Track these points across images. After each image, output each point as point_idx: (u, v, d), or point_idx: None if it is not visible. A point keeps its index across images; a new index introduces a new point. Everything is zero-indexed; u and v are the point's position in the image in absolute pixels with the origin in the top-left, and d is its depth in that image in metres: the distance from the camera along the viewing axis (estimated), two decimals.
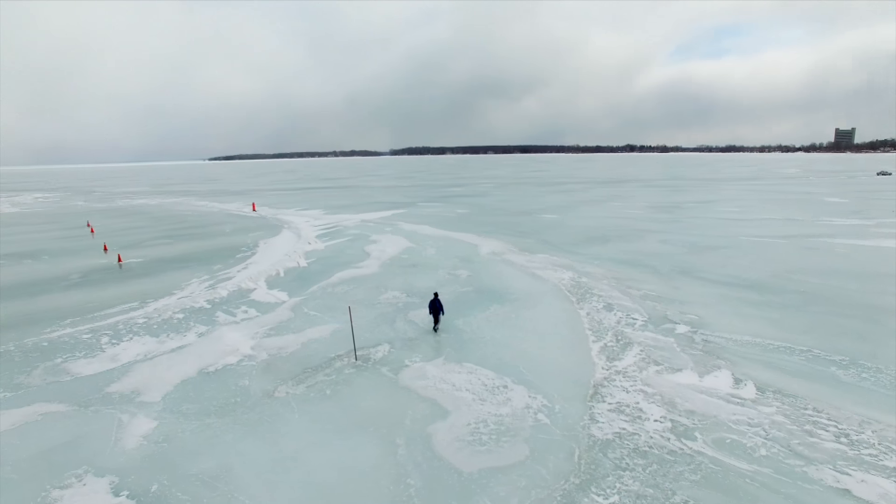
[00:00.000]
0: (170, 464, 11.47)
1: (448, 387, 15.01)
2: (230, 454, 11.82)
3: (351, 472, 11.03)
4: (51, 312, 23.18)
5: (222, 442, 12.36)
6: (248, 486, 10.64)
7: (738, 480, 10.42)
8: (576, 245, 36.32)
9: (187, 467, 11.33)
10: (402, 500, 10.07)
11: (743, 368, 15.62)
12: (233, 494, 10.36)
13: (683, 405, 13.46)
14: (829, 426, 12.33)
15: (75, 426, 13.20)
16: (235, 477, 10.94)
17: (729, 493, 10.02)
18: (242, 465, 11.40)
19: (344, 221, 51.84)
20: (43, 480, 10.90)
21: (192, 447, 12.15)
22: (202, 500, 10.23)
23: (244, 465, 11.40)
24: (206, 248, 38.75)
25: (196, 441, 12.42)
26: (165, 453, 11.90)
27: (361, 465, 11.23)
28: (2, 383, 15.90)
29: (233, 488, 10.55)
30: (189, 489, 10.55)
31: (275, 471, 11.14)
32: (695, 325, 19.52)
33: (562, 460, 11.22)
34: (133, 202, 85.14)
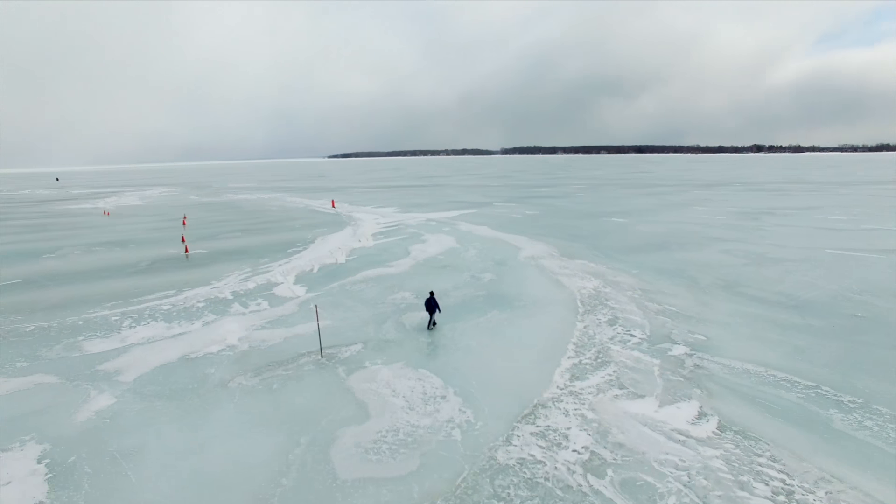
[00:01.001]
0: (98, 439, 12.94)
1: (388, 392, 15.15)
2: (152, 435, 13.04)
3: (241, 465, 11.67)
4: (101, 295, 26.75)
5: (154, 423, 13.66)
6: (145, 466, 11.70)
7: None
8: (625, 252, 34.26)
9: (110, 443, 12.70)
10: (260, 499, 10.48)
11: (718, 401, 13.95)
12: (126, 473, 11.47)
13: (616, 437, 12.40)
14: (773, 480, 10.68)
15: (51, 397, 15.31)
16: (141, 457, 12.07)
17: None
18: (155, 446, 12.54)
19: (410, 220, 53.28)
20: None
21: (127, 425, 13.57)
22: (100, 474, 11.46)
23: (157, 446, 12.53)
24: (266, 243, 42.04)
25: (134, 420, 13.85)
26: (101, 429, 13.43)
27: (253, 460, 11.83)
28: (25, 354, 18.78)
29: (132, 467, 11.68)
30: (97, 464, 11.85)
31: (177, 456, 12.11)
32: (696, 348, 17.69)
33: (442, 481, 10.95)
34: (235, 197, 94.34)
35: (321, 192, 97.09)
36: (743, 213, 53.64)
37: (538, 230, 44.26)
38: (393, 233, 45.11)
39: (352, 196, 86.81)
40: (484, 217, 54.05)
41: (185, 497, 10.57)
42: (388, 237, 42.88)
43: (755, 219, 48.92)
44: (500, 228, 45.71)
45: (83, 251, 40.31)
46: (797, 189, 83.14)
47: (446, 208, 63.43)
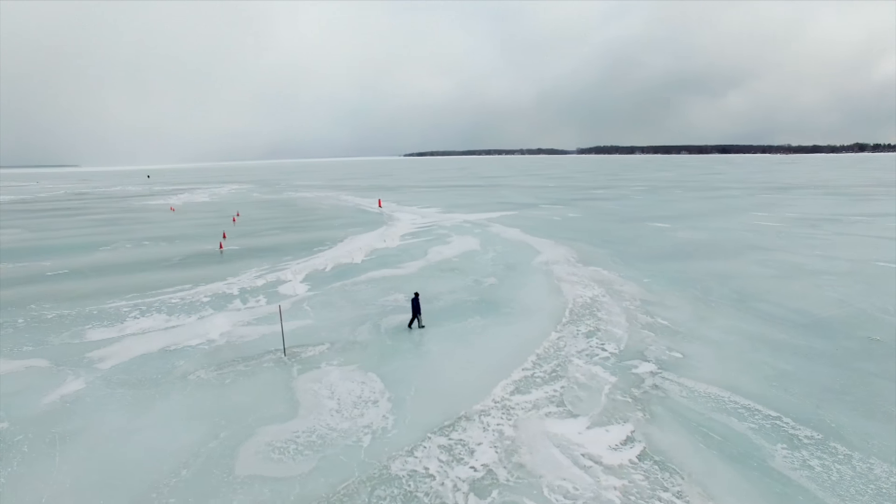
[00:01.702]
0: (50, 421, 14.38)
1: (326, 393, 15.66)
2: (96, 421, 14.31)
3: (155, 454, 12.58)
4: (125, 287, 29.28)
5: (104, 410, 14.96)
6: (73, 449, 12.88)
7: None
8: (648, 259, 32.83)
9: (57, 426, 14.08)
10: (154, 487, 11.29)
11: (655, 427, 13.23)
12: (54, 455, 12.71)
13: (522, 457, 12.14)
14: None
15: (32, 380, 17.12)
16: (76, 440, 13.29)
17: None
18: (93, 431, 13.76)
19: (446, 221, 53.74)
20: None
21: (81, 410, 14.96)
22: (32, 454, 12.77)
23: (94, 431, 13.75)
24: (298, 241, 44.01)
25: (89, 406, 15.23)
26: (58, 412, 14.90)
27: (168, 451, 12.71)
28: (35, 339, 21.04)
29: (62, 449, 12.92)
30: (36, 445, 13.20)
31: (105, 440, 13.22)
32: (665, 367, 16.80)
33: (325, 485, 11.26)
34: (295, 195, 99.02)
35: (377, 191, 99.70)
36: (804, 219, 49.42)
37: (569, 234, 43.21)
38: (422, 234, 45.69)
39: (404, 195, 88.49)
40: (522, 219, 53.43)
41: (89, 480, 11.56)
42: (415, 238, 43.49)
43: (814, 226, 44.96)
44: (531, 231, 45.05)
45: (133, 245, 44.10)
46: (885, 193, 75.14)
47: (490, 209, 63.25)
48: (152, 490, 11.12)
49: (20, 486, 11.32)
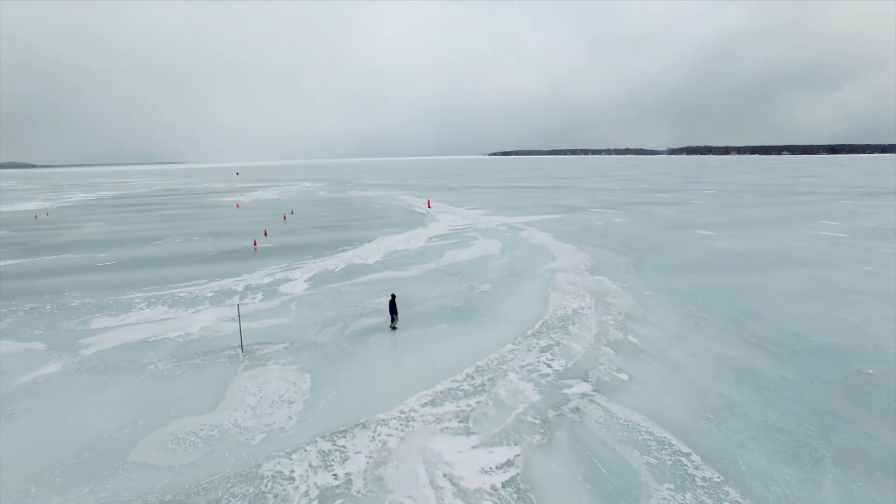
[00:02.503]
0: (11, 399, 16.47)
1: (254, 390, 16.67)
2: (45, 402, 16.20)
3: (74, 436, 14.09)
4: (148, 279, 32.26)
5: (60, 392, 16.87)
6: (12, 426, 14.73)
7: None
8: (666, 270, 31.32)
9: (13, 404, 16.12)
10: (55, 464, 12.74)
11: (544, 453, 12.89)
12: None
13: (387, 471, 12.37)
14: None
15: (20, 362, 19.56)
16: (19, 418, 15.14)
17: None
18: (35, 410, 15.61)
19: (483, 223, 53.89)
20: None
21: (41, 391, 16.98)
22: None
23: (35, 411, 15.59)
24: (330, 239, 46.04)
25: (51, 387, 17.24)
26: (22, 391, 16.99)
27: (87, 433, 14.19)
28: (47, 325, 23.89)
29: (2, 425, 14.84)
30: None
31: (40, 421, 14.94)
32: (600, 389, 16.21)
33: (195, 478, 12.14)
34: (357, 193, 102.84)
35: (439, 191, 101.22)
36: (877, 230, 44.29)
37: (600, 240, 41.87)
38: (451, 236, 46.12)
39: (461, 196, 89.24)
40: (561, 223, 52.35)
41: (8, 453, 13.21)
42: (441, 241, 44.02)
43: (884, 238, 40.27)
44: (561, 237, 44.09)
45: (183, 240, 48.19)
46: None
47: (536, 212, 62.40)
48: (50, 468, 12.53)
49: None
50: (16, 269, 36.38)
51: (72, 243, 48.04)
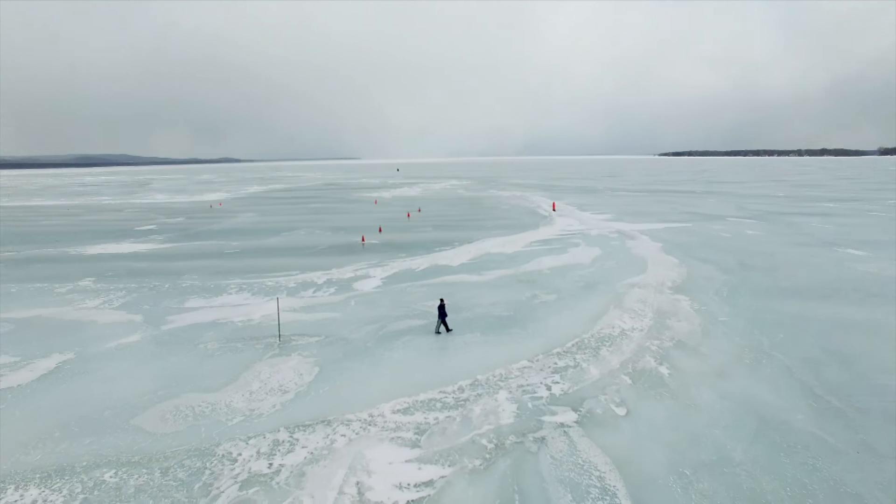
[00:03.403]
0: (87, 360, 20.52)
1: (265, 376, 18.56)
2: (111, 365, 19.85)
3: (97, 399, 17.25)
4: (251, 268, 36.84)
5: (125, 358, 20.50)
6: (71, 383, 18.44)
7: None
8: (763, 295, 27.56)
9: (83, 365, 20.08)
10: (81, 418, 15.79)
11: (472, 480, 12.66)
12: (46, 379, 18.44)
13: (307, 469, 13.19)
14: None
15: (115, 330, 23.93)
16: (80, 375, 18.81)
17: None
18: (88, 373, 19.25)
19: (597, 229, 51.69)
20: None
21: (113, 356, 20.75)
22: (36, 379, 18.75)
23: (97, 372, 19.19)
24: (434, 239, 47.88)
25: (121, 354, 20.98)
26: (99, 355, 20.91)
27: (107, 398, 17.25)
28: (152, 301, 28.77)
29: (53, 380, 18.63)
30: (48, 374, 19.24)
31: (84, 381, 18.45)
32: (584, 422, 15.14)
33: (152, 449, 14.25)
34: (496, 193, 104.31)
35: (581, 194, 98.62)
36: None
37: (712, 254, 37.74)
38: (553, 241, 45.10)
39: (595, 199, 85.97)
40: (682, 233, 48.00)
41: (52, 403, 16.65)
42: (541, 245, 43.32)
43: None
44: (671, 248, 40.55)
45: (307, 233, 53.80)
46: None
47: (663, 219, 57.86)
48: (75, 420, 15.55)
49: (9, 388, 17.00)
50: (164, 252, 44.00)
51: (219, 231, 56.37)
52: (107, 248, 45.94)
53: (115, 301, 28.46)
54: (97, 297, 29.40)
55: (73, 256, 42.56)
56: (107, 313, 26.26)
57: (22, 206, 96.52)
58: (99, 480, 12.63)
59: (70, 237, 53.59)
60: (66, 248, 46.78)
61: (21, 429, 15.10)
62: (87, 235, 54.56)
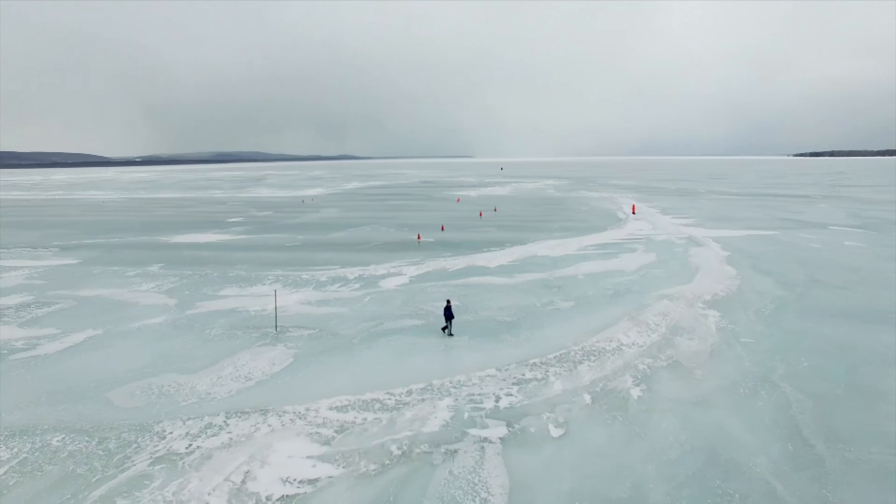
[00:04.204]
0: (110, 337, 23.13)
1: (241, 364, 19.72)
2: (122, 343, 22.25)
3: (104, 369, 19.43)
4: (299, 260, 39.00)
5: (137, 338, 22.87)
6: (86, 355, 20.88)
7: None
8: (819, 317, 24.43)
9: (106, 341, 22.67)
10: (70, 387, 17.94)
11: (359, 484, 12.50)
12: (84, 343, 21.02)
13: (217, 452, 13.88)
14: None
15: (146, 312, 26.58)
16: (96, 349, 21.21)
17: None
18: (108, 348, 21.65)
19: (667, 234, 48.39)
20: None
21: (130, 335, 23.19)
22: (75, 338, 21.41)
23: (107, 348, 21.60)
24: (490, 239, 47.57)
25: (139, 334, 23.40)
26: (121, 333, 23.44)
27: (109, 370, 19.32)
28: (195, 288, 31.54)
29: (80, 352, 21.19)
30: (90, 337, 21.89)
31: (101, 354, 20.70)
32: (511, 440, 14.41)
33: (114, 419, 15.87)
34: (584, 193, 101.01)
35: (669, 196, 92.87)
36: None
37: (784, 267, 33.86)
38: (611, 246, 43.05)
39: (687, 202, 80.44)
40: (762, 242, 43.58)
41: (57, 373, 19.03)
42: (595, 249, 41.61)
43: None
44: (738, 258, 36.98)
45: (372, 229, 55.83)
46: None
47: (750, 226, 52.75)
48: (64, 389, 17.65)
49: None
50: (233, 242, 47.96)
51: (293, 225, 60.17)
52: (190, 238, 50.90)
53: (164, 286, 31.56)
54: (153, 281, 32.80)
55: (158, 244, 47.70)
56: (151, 296, 29.22)
57: (147, 198, 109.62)
58: (46, 443, 14.23)
59: (167, 226, 60.08)
60: (158, 236, 52.51)
61: (19, 392, 17.43)
62: (181, 225, 60.81)
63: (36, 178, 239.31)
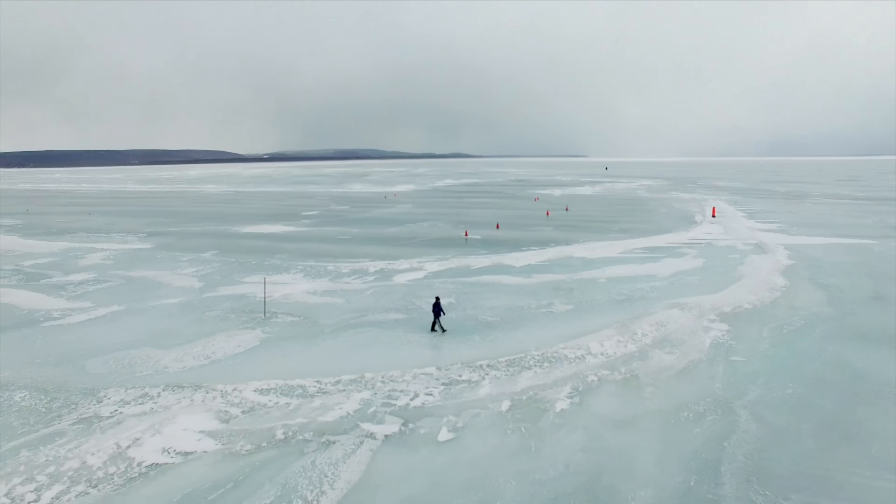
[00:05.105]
0: (139, 312, 26.01)
1: (215, 344, 21.17)
2: (141, 316, 24.99)
3: (107, 338, 21.96)
4: (338, 252, 40.65)
5: (156, 313, 25.56)
6: (105, 325, 23.72)
7: None
8: (845, 340, 21.36)
9: (131, 314, 25.53)
10: (73, 349, 20.62)
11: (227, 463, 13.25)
12: (118, 311, 23.92)
13: (133, 419, 15.27)
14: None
15: (184, 293, 29.53)
16: (117, 320, 24.09)
17: None
18: (124, 321, 24.45)
19: (734, 240, 44.21)
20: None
21: (151, 310, 26.05)
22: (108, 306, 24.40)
23: (124, 321, 24.40)
24: (542, 238, 46.50)
25: (162, 308, 26.19)
26: (148, 309, 26.36)
27: (109, 340, 21.83)
28: (241, 274, 34.32)
29: (104, 322, 24.06)
30: (119, 304, 24.85)
31: (119, 324, 23.45)
32: (400, 436, 14.44)
33: (83, 381, 18.01)
34: (674, 195, 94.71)
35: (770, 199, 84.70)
36: None
37: (846, 282, 29.67)
38: (660, 250, 40.46)
39: (779, 206, 72.82)
40: (844, 252, 38.31)
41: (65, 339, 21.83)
42: (641, 253, 39.39)
43: None
44: (795, 269, 32.91)
45: (430, 225, 56.87)
46: None
47: (842, 234, 46.43)
48: (47, 357, 20.25)
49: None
50: (291, 234, 51.36)
51: (358, 219, 62.89)
52: (258, 229, 55.04)
53: (203, 270, 34.64)
54: (196, 266, 36.11)
55: (226, 233, 52.17)
56: (185, 279, 32.23)
57: (250, 191, 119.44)
58: (9, 398, 16.54)
59: (247, 218, 65.36)
60: (232, 226, 57.33)
61: (24, 353, 20.30)
62: (259, 217, 65.86)
63: (174, 174, 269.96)
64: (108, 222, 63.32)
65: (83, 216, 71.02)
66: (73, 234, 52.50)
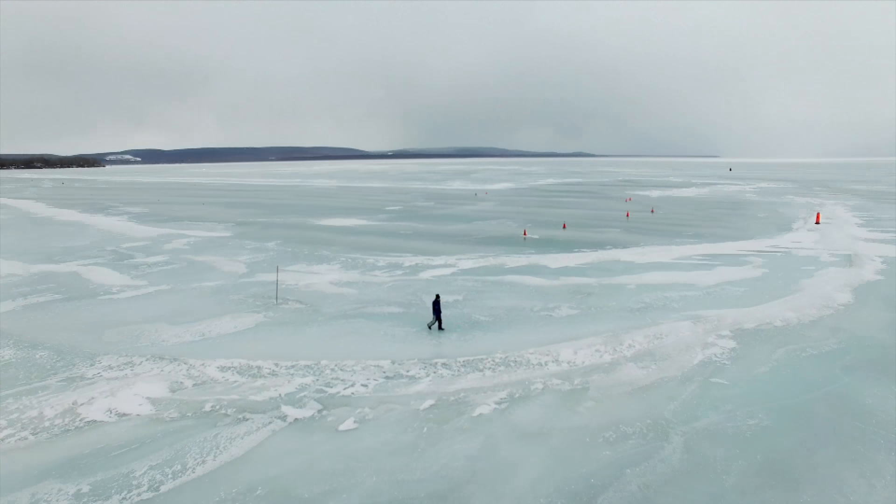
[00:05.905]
0: (121, 291, 29.58)
1: (218, 326, 23.48)
2: (170, 292, 28.46)
3: (130, 310, 25.41)
4: (385, 246, 42.16)
5: (183, 293, 28.92)
6: (129, 302, 27.38)
7: None
8: (864, 367, 18.73)
9: (122, 293, 29.11)
10: (67, 324, 24.20)
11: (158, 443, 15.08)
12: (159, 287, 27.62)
13: (101, 385, 17.86)
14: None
15: (227, 278, 32.94)
16: (111, 298, 27.78)
17: None
18: (154, 297, 27.96)
19: (821, 250, 39.13)
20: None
21: (183, 292, 29.52)
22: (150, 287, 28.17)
23: (152, 298, 27.92)
24: (596, 241, 44.61)
25: (194, 288, 29.60)
26: (187, 291, 29.95)
27: (132, 312, 25.25)
28: (291, 261, 37.39)
29: (134, 295, 27.72)
30: (157, 283, 28.57)
31: (115, 302, 27.06)
32: (311, 420, 15.22)
33: (84, 345, 21.15)
34: (790, 199, 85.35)
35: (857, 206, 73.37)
36: None
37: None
38: (724, 257, 37.18)
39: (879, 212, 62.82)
40: None
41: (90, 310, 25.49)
42: (698, 259, 36.63)
43: None
44: (873, 286, 29.13)
45: (498, 223, 56.93)
46: None
47: None
48: (82, 324, 23.76)
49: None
50: (359, 227, 54.11)
51: (432, 215, 64.46)
52: (334, 222, 58.63)
53: (255, 258, 37.98)
54: (253, 253, 39.66)
55: (302, 224, 56.21)
56: (235, 265, 35.63)
57: (352, 186, 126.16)
58: (32, 357, 19.76)
59: (332, 211, 69.78)
60: (312, 218, 61.58)
61: (67, 322, 24.04)
62: (344, 211, 70.02)
63: (300, 169, 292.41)
64: (211, 212, 70.81)
65: (197, 206, 79.95)
66: (176, 222, 59.51)
